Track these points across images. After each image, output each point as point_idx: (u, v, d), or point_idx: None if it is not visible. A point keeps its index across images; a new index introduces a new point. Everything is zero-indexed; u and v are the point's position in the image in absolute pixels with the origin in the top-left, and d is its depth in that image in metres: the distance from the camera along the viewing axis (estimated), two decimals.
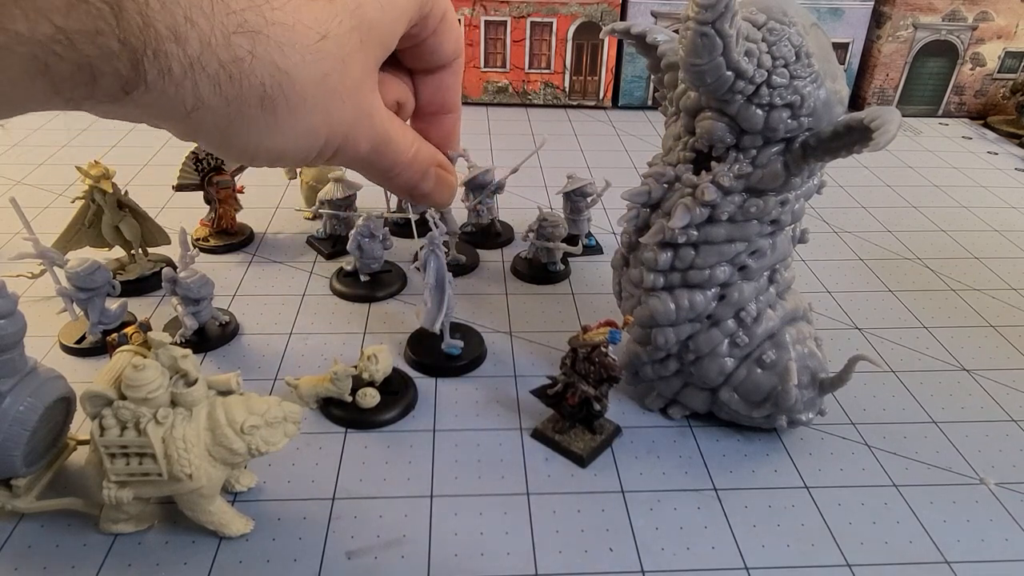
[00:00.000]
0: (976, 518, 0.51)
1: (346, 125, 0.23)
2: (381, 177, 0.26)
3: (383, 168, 0.26)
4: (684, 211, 0.50)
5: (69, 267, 0.61)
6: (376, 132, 0.24)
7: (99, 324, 0.63)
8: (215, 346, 0.65)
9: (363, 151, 0.24)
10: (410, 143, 0.26)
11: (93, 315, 0.63)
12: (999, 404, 0.62)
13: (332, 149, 0.23)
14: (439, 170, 0.28)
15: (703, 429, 0.58)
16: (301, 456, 0.54)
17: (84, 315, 0.63)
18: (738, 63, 0.44)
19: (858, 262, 0.84)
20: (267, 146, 0.21)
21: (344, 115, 0.22)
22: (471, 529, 0.49)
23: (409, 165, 0.26)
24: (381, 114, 0.24)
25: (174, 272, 0.63)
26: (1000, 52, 1.29)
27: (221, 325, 0.66)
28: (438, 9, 0.26)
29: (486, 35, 1.26)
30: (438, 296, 0.60)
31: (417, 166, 0.27)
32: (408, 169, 0.26)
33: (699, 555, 0.47)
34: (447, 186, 0.29)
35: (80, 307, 0.63)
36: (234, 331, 0.67)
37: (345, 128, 0.23)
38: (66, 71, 0.17)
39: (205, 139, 0.21)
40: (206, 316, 0.65)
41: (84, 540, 0.47)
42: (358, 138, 0.24)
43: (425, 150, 0.27)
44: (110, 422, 0.42)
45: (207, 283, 0.63)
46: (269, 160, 0.22)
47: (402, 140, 0.26)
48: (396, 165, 0.26)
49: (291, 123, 0.21)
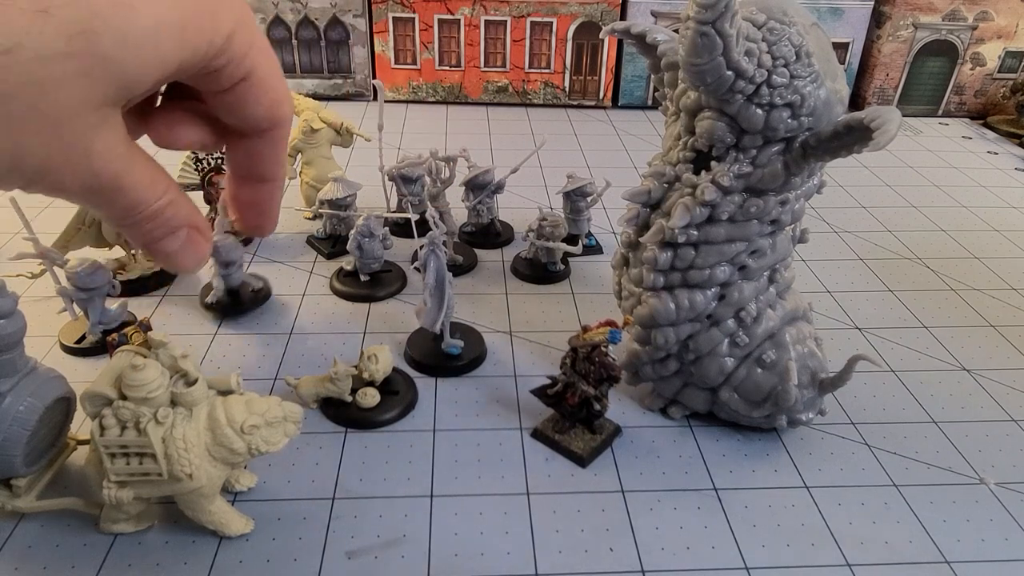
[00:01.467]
0: (976, 518, 0.51)
1: (40, 156, 0.20)
2: (115, 222, 0.23)
3: (113, 214, 0.23)
4: (684, 211, 0.50)
5: (69, 267, 0.61)
6: (93, 174, 0.21)
7: (99, 324, 0.63)
8: (248, 309, 0.69)
9: (73, 190, 0.21)
10: (157, 195, 0.23)
11: (93, 315, 0.63)
12: (999, 404, 0.62)
13: (23, 178, 0.20)
14: (192, 231, 0.24)
15: (703, 429, 0.58)
16: (301, 456, 0.54)
17: (84, 315, 0.64)
18: (738, 63, 0.44)
19: (858, 262, 0.84)
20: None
21: (36, 144, 0.19)
22: (471, 529, 0.49)
23: (150, 219, 0.23)
24: (107, 156, 0.21)
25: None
26: (1000, 52, 1.29)
27: (254, 291, 0.70)
28: (236, 67, 0.22)
29: (486, 35, 1.26)
30: (438, 296, 0.60)
31: (162, 222, 0.23)
32: (148, 223, 0.23)
33: (699, 555, 0.47)
34: (197, 252, 0.25)
35: (80, 307, 0.63)
36: (266, 296, 0.71)
37: (38, 159, 0.20)
38: None
39: None
40: (236, 280, 0.69)
41: (84, 540, 0.47)
42: (63, 175, 0.20)
43: (181, 208, 0.24)
44: (110, 422, 0.42)
45: (237, 247, 0.68)
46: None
47: (144, 191, 0.22)
48: (129, 216, 0.23)
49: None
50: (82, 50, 0.19)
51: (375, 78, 1.29)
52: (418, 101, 1.31)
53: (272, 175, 0.26)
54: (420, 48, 1.27)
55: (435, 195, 0.79)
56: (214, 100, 0.24)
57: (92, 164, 0.21)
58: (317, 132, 0.84)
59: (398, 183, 0.81)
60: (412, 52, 1.27)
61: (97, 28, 0.19)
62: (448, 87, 1.30)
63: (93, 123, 0.20)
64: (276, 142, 0.25)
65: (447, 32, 1.26)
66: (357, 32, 1.25)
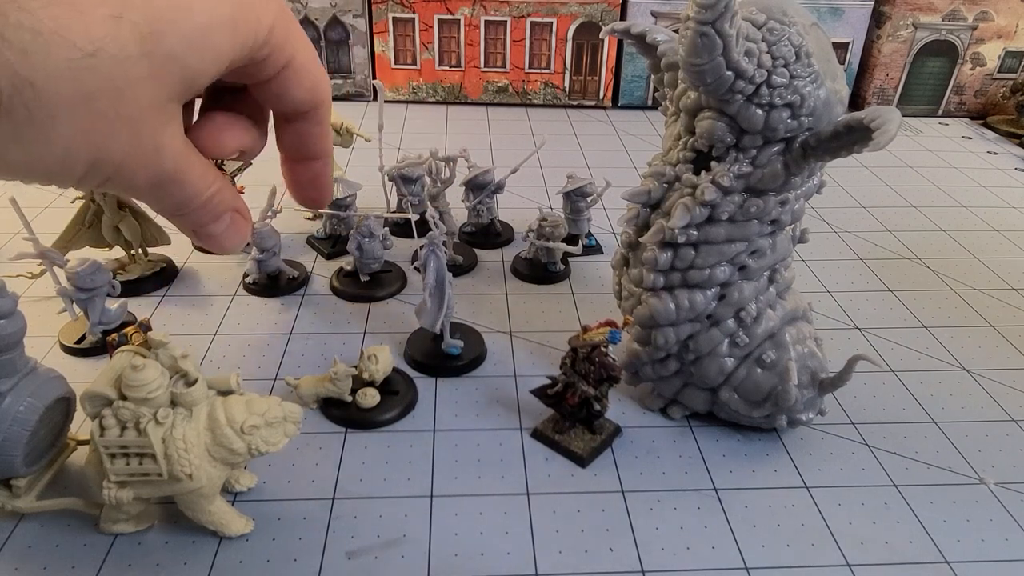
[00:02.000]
0: (976, 518, 0.51)
1: (119, 154, 0.21)
2: (168, 213, 0.25)
3: (170, 206, 0.24)
4: (684, 211, 0.50)
5: (69, 267, 0.61)
6: (163, 169, 0.23)
7: (99, 324, 0.63)
8: (283, 293, 0.73)
9: (141, 185, 0.23)
10: (208, 185, 0.25)
11: (93, 315, 0.63)
12: (999, 404, 0.62)
13: (101, 177, 0.22)
14: (235, 215, 0.26)
15: (703, 429, 0.58)
16: (301, 456, 0.54)
17: (84, 315, 0.64)
18: (738, 63, 0.44)
19: (858, 262, 0.84)
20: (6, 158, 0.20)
21: (116, 143, 0.21)
22: (471, 529, 0.49)
23: (202, 207, 0.25)
24: (173, 152, 0.23)
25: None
26: (1000, 52, 1.29)
27: (291, 279, 0.74)
28: (279, 55, 0.24)
29: (486, 35, 1.26)
30: (438, 296, 0.60)
31: (211, 208, 0.25)
32: (200, 211, 0.25)
33: (699, 555, 0.47)
34: (239, 233, 0.27)
35: (80, 307, 0.63)
36: (301, 283, 0.75)
37: (118, 157, 0.21)
38: None
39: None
40: (272, 267, 0.73)
41: (84, 540, 0.47)
42: (135, 171, 0.22)
43: (226, 194, 0.26)
44: (110, 422, 0.42)
45: (272, 236, 0.71)
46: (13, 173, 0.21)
47: (199, 182, 0.24)
48: (186, 206, 0.24)
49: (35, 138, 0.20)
50: (152, 51, 0.20)
51: (375, 78, 1.29)
52: (418, 101, 1.31)
53: (321, 152, 0.28)
54: (420, 48, 1.27)
55: (435, 195, 0.79)
56: (260, 90, 0.25)
57: (162, 160, 0.22)
58: None
59: (398, 183, 0.81)
60: (412, 52, 1.27)
61: (163, 29, 0.20)
62: (448, 87, 1.30)
63: (163, 120, 0.22)
64: (320, 121, 0.27)
65: (447, 32, 1.26)
66: (357, 32, 1.25)
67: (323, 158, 0.29)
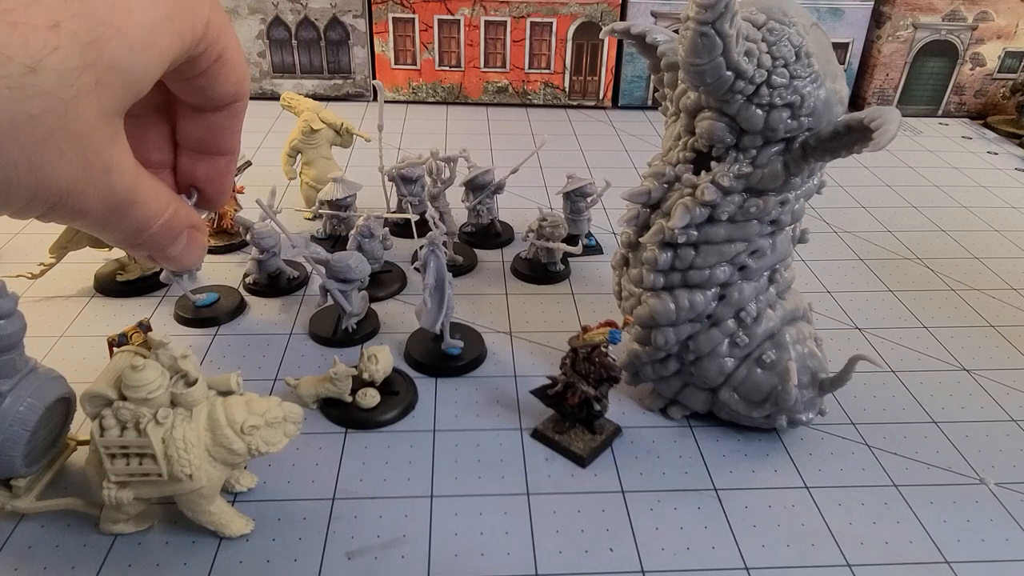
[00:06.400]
0: (976, 518, 0.51)
1: (65, 181, 0.19)
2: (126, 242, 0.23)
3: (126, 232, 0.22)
4: (684, 211, 0.50)
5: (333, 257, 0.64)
6: (114, 192, 0.20)
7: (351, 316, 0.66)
8: (283, 293, 0.74)
9: (94, 212, 0.20)
10: (164, 206, 0.23)
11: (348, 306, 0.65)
12: (999, 404, 0.62)
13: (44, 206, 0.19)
14: (192, 231, 0.25)
15: (703, 429, 0.58)
16: (301, 456, 0.54)
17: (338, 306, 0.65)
18: (738, 63, 0.44)
19: (858, 262, 0.84)
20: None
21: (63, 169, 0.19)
22: (471, 529, 0.49)
23: (160, 230, 0.23)
24: (123, 170, 0.21)
25: (251, 221, 0.72)
26: (1000, 52, 1.29)
27: (291, 279, 0.75)
28: (213, 49, 0.23)
29: (486, 35, 1.26)
30: (438, 296, 0.60)
31: (169, 230, 0.23)
32: (158, 235, 0.23)
33: (699, 555, 0.47)
34: (198, 247, 0.25)
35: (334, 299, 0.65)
36: (301, 283, 0.75)
37: (64, 184, 0.19)
38: None
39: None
40: (272, 267, 0.73)
41: (84, 540, 0.47)
42: (86, 197, 0.20)
43: (181, 212, 0.24)
44: (110, 422, 0.42)
45: (271, 236, 0.72)
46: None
47: (154, 203, 0.22)
48: (143, 231, 0.22)
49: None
50: (95, 60, 0.19)
51: (375, 78, 1.29)
52: (418, 101, 1.31)
53: (230, 148, 0.27)
54: (420, 48, 1.27)
55: (435, 195, 0.79)
56: (185, 85, 0.24)
57: (111, 180, 0.20)
58: (317, 132, 0.84)
59: (398, 183, 0.81)
60: (412, 52, 1.27)
61: (105, 35, 0.19)
62: (448, 87, 1.30)
63: (110, 135, 0.20)
64: (237, 115, 0.26)
65: (447, 32, 1.26)
66: (357, 32, 1.25)
67: (230, 154, 0.27)
